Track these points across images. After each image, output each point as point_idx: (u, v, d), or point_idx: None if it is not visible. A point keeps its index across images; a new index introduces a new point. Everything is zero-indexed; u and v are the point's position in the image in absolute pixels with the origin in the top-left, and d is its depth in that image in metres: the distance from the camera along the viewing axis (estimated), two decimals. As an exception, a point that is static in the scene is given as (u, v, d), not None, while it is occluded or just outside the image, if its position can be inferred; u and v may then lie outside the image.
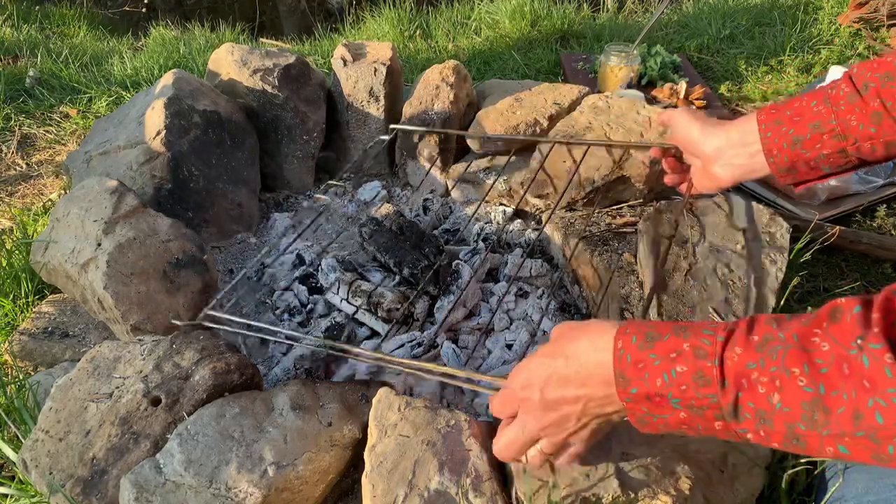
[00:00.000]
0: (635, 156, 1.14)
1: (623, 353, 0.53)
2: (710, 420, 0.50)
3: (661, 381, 0.51)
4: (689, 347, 0.51)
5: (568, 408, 0.57)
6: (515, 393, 0.61)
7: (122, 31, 3.03)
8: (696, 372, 0.50)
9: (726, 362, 0.49)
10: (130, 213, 1.00)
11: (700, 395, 0.49)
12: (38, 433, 0.77)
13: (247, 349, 1.01)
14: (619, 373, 0.53)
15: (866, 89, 0.71)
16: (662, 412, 0.52)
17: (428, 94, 1.29)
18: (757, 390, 0.47)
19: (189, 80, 1.27)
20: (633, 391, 0.53)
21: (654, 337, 0.53)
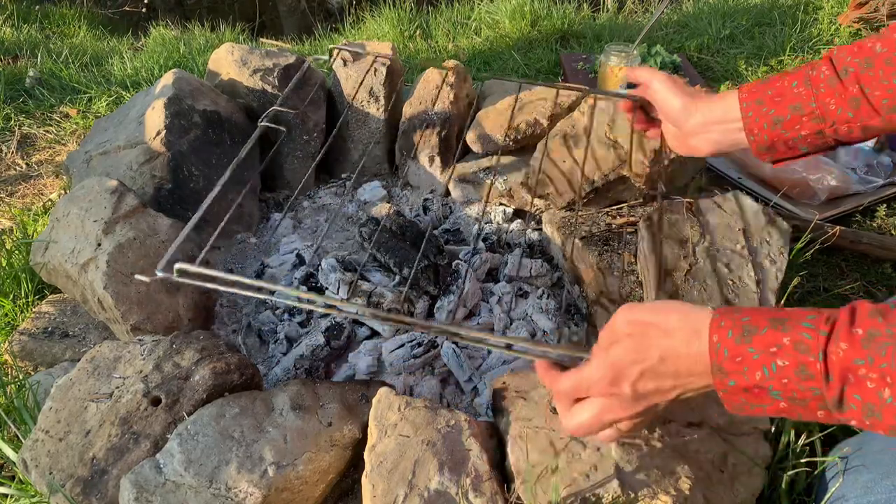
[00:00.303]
0: (635, 156, 1.14)
1: (720, 347, 0.54)
2: (812, 410, 0.52)
3: (760, 375, 0.52)
4: (790, 342, 0.51)
5: (661, 397, 0.59)
6: (597, 385, 0.61)
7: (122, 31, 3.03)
8: (799, 366, 0.51)
9: (830, 357, 0.50)
10: (130, 213, 1.00)
11: (803, 388, 0.51)
12: (38, 433, 0.77)
13: (247, 349, 1.01)
14: (717, 366, 0.54)
15: (846, 73, 0.72)
16: (761, 402, 0.54)
17: (428, 94, 1.29)
18: (865, 385, 0.49)
19: (189, 80, 1.27)
20: (731, 384, 0.54)
21: (751, 330, 0.53)
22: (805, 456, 0.78)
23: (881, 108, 0.70)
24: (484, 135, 1.26)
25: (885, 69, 0.69)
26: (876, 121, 0.71)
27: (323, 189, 1.39)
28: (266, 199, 1.35)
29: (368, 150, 1.40)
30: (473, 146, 1.29)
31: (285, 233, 1.24)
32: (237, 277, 0.74)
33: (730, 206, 1.06)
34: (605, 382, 0.60)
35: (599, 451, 0.72)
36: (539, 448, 0.73)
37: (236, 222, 1.24)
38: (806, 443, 0.78)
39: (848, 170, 1.43)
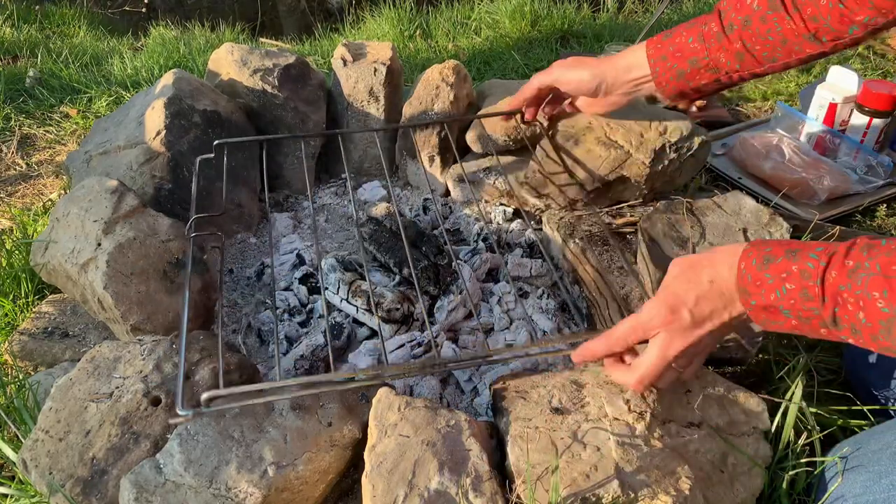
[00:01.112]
0: (635, 156, 1.14)
1: (745, 272, 0.64)
2: (816, 328, 0.62)
3: (773, 296, 0.62)
4: (797, 269, 0.61)
5: (716, 320, 0.67)
6: (656, 318, 0.68)
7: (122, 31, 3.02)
8: (802, 290, 0.61)
9: (826, 282, 0.59)
10: (130, 213, 1.00)
11: (805, 307, 0.61)
12: (38, 433, 0.77)
13: (247, 349, 1.01)
14: (742, 288, 0.65)
15: (731, 29, 0.83)
16: (777, 319, 0.64)
17: (428, 94, 1.29)
18: (847, 307, 0.58)
19: (189, 80, 1.27)
20: (753, 303, 0.64)
21: (770, 259, 0.63)
22: (805, 456, 0.78)
23: (762, 59, 0.84)
24: (484, 135, 1.26)
25: (761, 26, 0.81)
26: (759, 69, 0.85)
27: (323, 189, 1.39)
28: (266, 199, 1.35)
29: (368, 150, 1.40)
30: (473, 146, 1.29)
31: (285, 232, 1.24)
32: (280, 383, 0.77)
33: (730, 206, 1.06)
34: (666, 311, 0.68)
35: (599, 451, 0.72)
36: (539, 448, 0.73)
37: (236, 222, 1.24)
38: (806, 443, 0.79)
39: (848, 170, 1.43)
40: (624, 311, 0.97)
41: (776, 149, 1.45)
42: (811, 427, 0.80)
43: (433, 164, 1.32)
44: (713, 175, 1.48)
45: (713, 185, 1.44)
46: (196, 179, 1.07)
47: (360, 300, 1.01)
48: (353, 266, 1.07)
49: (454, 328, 1.02)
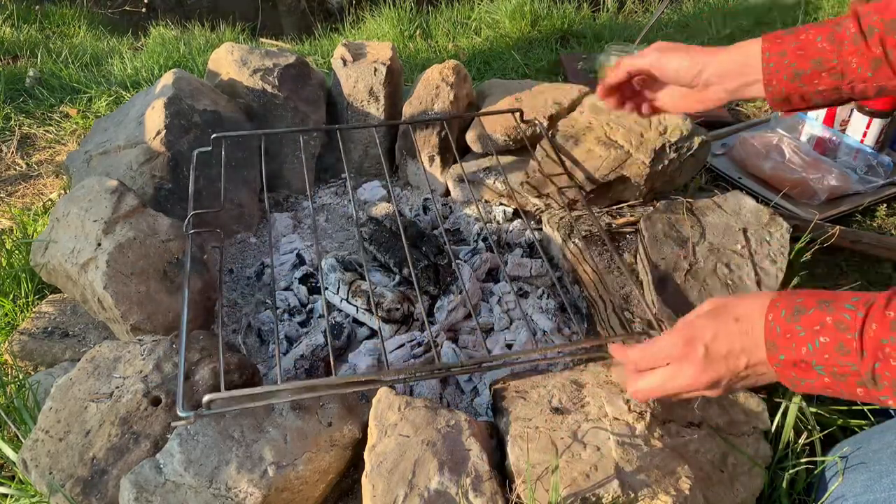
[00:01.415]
0: (635, 156, 1.14)
1: (773, 324, 0.59)
2: (852, 386, 0.56)
3: (805, 350, 0.57)
4: (832, 321, 0.56)
5: (731, 363, 0.61)
6: (670, 348, 0.64)
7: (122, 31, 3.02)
8: (838, 343, 0.55)
9: (865, 335, 0.54)
10: (130, 213, 1.00)
11: (841, 363, 0.55)
12: (38, 433, 0.77)
13: (247, 349, 1.01)
14: (770, 342, 0.59)
15: (871, 33, 0.72)
16: (808, 377, 0.58)
17: (428, 94, 1.29)
18: (890, 363, 0.53)
19: (189, 80, 1.27)
20: (782, 357, 0.58)
21: (801, 310, 0.58)
22: (805, 456, 0.78)
23: None
24: (484, 135, 1.26)
25: None
26: (893, 83, 0.73)
27: (323, 189, 1.39)
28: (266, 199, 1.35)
29: (368, 150, 1.40)
30: (473, 146, 1.29)
31: (285, 232, 1.24)
32: (280, 386, 0.76)
33: (730, 206, 1.06)
34: (681, 342, 0.63)
35: (599, 450, 0.72)
36: (539, 448, 0.73)
37: (236, 222, 1.24)
38: (806, 443, 0.79)
39: (848, 170, 1.43)
40: (623, 311, 0.97)
41: (776, 149, 1.45)
42: (811, 427, 0.80)
43: (433, 164, 1.32)
44: (713, 175, 1.48)
45: (713, 185, 1.44)
46: (193, 173, 1.07)
47: (360, 300, 1.01)
48: (353, 266, 1.07)
49: (454, 328, 1.02)
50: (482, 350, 0.95)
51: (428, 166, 1.33)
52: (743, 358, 0.61)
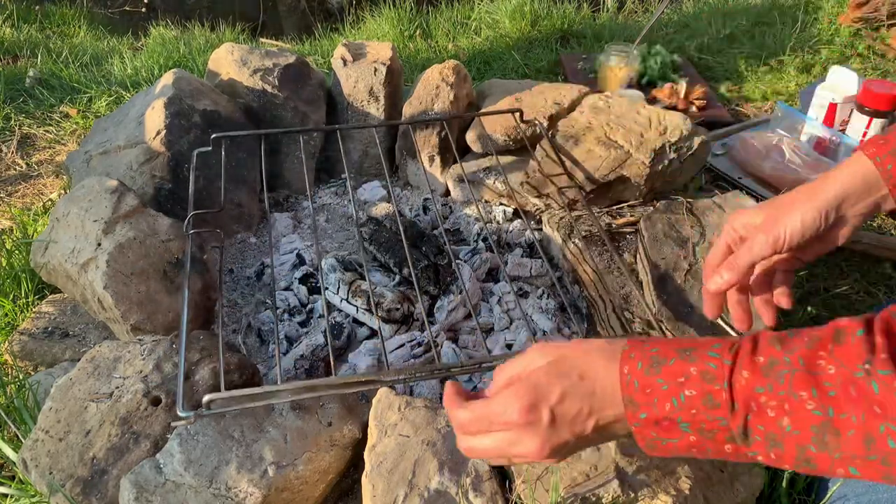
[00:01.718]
0: (635, 156, 1.14)
1: (630, 378, 0.53)
2: (720, 443, 0.50)
3: (669, 406, 0.51)
4: (697, 371, 0.50)
5: (578, 426, 0.54)
6: (509, 414, 0.55)
7: (122, 31, 3.02)
8: (706, 396, 0.49)
9: (735, 385, 0.49)
10: (130, 213, 1.00)
11: (710, 417, 0.49)
12: (38, 433, 0.77)
13: (247, 349, 1.01)
14: (628, 398, 0.52)
15: None
16: (671, 436, 0.52)
17: (428, 94, 1.29)
18: (767, 414, 0.47)
19: (189, 80, 1.27)
20: (643, 416, 0.52)
21: (660, 361, 0.52)
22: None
23: None
24: (484, 135, 1.26)
25: None
26: None
27: (323, 189, 1.39)
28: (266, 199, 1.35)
29: (368, 150, 1.40)
30: (473, 146, 1.29)
31: (285, 232, 1.24)
32: (280, 386, 0.76)
33: (730, 207, 1.06)
34: (523, 409, 0.54)
35: (599, 450, 0.72)
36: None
37: (236, 222, 1.24)
38: (806, 443, 0.78)
39: (848, 170, 1.43)
40: (623, 311, 0.97)
41: (776, 149, 1.45)
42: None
43: (433, 164, 1.32)
44: (713, 175, 1.48)
45: (713, 185, 1.44)
46: (193, 173, 1.07)
47: (360, 300, 1.01)
48: (353, 266, 1.07)
49: (454, 328, 1.02)
50: (482, 350, 0.95)
51: (428, 166, 1.33)
52: (590, 421, 0.54)
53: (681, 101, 1.69)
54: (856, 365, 0.45)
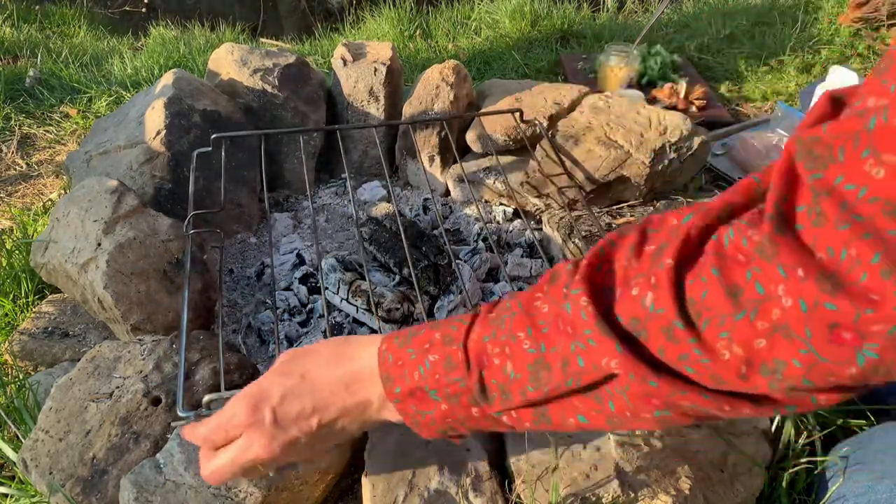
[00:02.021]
0: (635, 156, 1.14)
1: (386, 353, 0.53)
2: (467, 407, 0.50)
3: (418, 375, 0.50)
4: (440, 336, 0.51)
5: (303, 425, 0.54)
6: (237, 416, 0.55)
7: (122, 31, 3.02)
8: (446, 358, 0.49)
9: (469, 344, 0.49)
10: (130, 213, 1.00)
11: (450, 380, 0.49)
12: (38, 433, 0.77)
13: (246, 349, 1.01)
14: (385, 374, 0.52)
15: None
16: (427, 407, 0.51)
17: (428, 94, 1.29)
18: (493, 363, 0.47)
19: (189, 80, 1.27)
20: (398, 390, 0.51)
21: (414, 333, 0.52)
22: (805, 456, 0.78)
23: None
24: (484, 135, 1.26)
25: None
26: None
27: (323, 189, 1.39)
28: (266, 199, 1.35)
29: (368, 151, 1.40)
30: (473, 146, 1.29)
31: (285, 232, 1.24)
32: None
33: (730, 206, 1.06)
34: (247, 410, 0.55)
35: (600, 450, 0.72)
36: (539, 448, 0.73)
37: (236, 222, 1.24)
38: (806, 442, 0.79)
39: (848, 170, 1.43)
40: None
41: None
42: (811, 427, 0.80)
43: (433, 164, 1.32)
44: (713, 175, 1.48)
45: (713, 185, 1.44)
46: (193, 174, 1.07)
47: (360, 300, 1.01)
48: (353, 266, 1.07)
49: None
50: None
51: (428, 166, 1.33)
52: (314, 419, 0.54)
53: (681, 101, 1.69)
54: (561, 296, 0.45)
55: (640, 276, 0.43)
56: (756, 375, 0.38)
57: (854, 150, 0.33)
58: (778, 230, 0.36)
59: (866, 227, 0.32)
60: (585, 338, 0.43)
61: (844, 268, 0.33)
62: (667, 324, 0.40)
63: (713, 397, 0.41)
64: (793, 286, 0.35)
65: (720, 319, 0.38)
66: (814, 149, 0.35)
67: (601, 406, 0.45)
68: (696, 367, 0.40)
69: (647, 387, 0.41)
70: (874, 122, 0.32)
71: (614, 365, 0.42)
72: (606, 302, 0.43)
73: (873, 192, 0.32)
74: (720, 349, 0.39)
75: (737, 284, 0.38)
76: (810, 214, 0.35)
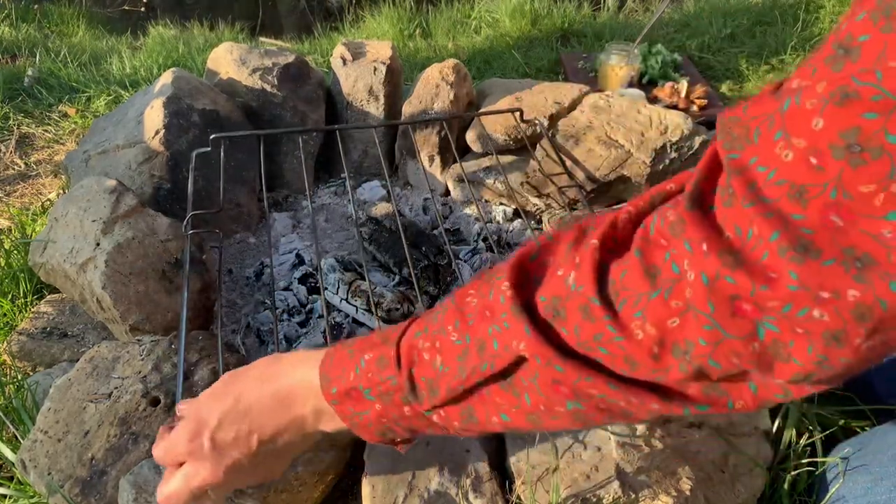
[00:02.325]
0: (636, 156, 1.14)
1: (329, 357, 0.52)
2: (399, 406, 0.49)
3: (353, 374, 0.50)
4: (379, 337, 0.50)
5: (243, 448, 0.54)
6: (180, 444, 0.55)
7: (121, 31, 3.02)
8: (379, 357, 0.49)
9: (403, 341, 0.48)
10: (129, 213, 1.00)
11: (382, 378, 0.48)
12: (37, 434, 0.77)
13: (246, 349, 1.01)
14: (323, 374, 0.51)
15: None
16: (363, 407, 0.50)
17: (428, 94, 1.29)
18: (423, 358, 0.46)
19: (188, 80, 1.26)
20: (334, 390, 0.50)
21: (359, 337, 0.53)
22: (806, 456, 0.78)
23: None
24: (484, 134, 1.26)
25: None
26: None
27: (323, 189, 1.38)
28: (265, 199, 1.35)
29: (368, 150, 1.40)
30: (473, 146, 1.29)
31: (284, 232, 1.24)
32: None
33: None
34: (187, 438, 0.54)
35: (600, 451, 0.72)
36: (539, 448, 0.72)
37: (235, 222, 1.24)
38: (807, 443, 0.78)
39: (848, 169, 1.43)
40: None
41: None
42: (812, 427, 0.80)
43: (433, 164, 1.32)
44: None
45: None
46: (192, 174, 1.06)
47: (360, 300, 1.00)
48: (352, 266, 1.07)
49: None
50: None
51: (428, 166, 1.32)
52: (253, 438, 0.53)
53: (682, 100, 1.69)
54: (488, 287, 0.45)
55: (568, 260, 0.43)
56: (668, 355, 0.38)
57: (768, 131, 0.33)
58: (689, 207, 0.36)
59: (770, 207, 0.32)
60: (501, 321, 0.42)
61: (749, 246, 0.33)
62: (584, 301, 0.40)
63: (620, 388, 0.40)
64: (697, 260, 0.35)
65: (636, 299, 0.38)
66: (733, 129, 0.35)
67: (518, 401, 0.44)
68: (609, 348, 0.39)
69: (553, 371, 0.41)
70: (788, 104, 0.32)
71: (522, 347, 0.41)
72: (531, 290, 0.43)
73: (781, 175, 0.32)
74: (634, 329, 0.38)
75: (655, 265, 0.38)
76: (723, 195, 0.35)
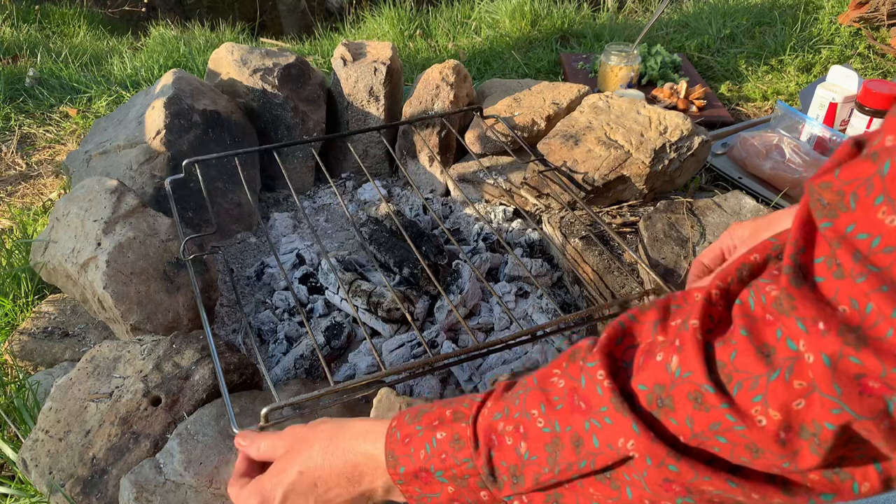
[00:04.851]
0: (636, 156, 1.14)
1: (395, 430, 0.50)
2: (475, 491, 0.46)
3: (423, 454, 0.47)
4: (451, 413, 0.47)
5: None
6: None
7: (122, 31, 3.02)
8: (454, 436, 0.46)
9: (479, 420, 0.45)
10: (130, 213, 1.00)
11: (458, 460, 0.45)
12: (38, 433, 0.77)
13: (246, 349, 1.01)
14: (389, 452, 0.49)
15: None
16: (433, 490, 0.47)
17: (428, 94, 1.29)
18: (505, 442, 0.43)
19: (189, 80, 1.27)
20: (402, 470, 0.48)
21: (425, 410, 0.49)
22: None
23: None
24: (484, 135, 1.26)
25: None
26: None
27: (323, 189, 1.39)
28: (266, 199, 1.35)
29: (368, 150, 1.40)
30: (473, 146, 1.29)
31: (285, 232, 1.24)
32: (337, 387, 0.74)
33: (730, 206, 1.06)
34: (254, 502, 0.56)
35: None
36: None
37: (236, 222, 1.24)
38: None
39: (848, 169, 1.43)
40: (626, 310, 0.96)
41: (776, 149, 1.45)
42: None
43: (433, 164, 1.32)
44: (713, 175, 1.48)
45: (713, 185, 1.44)
46: (173, 202, 1.02)
47: (360, 300, 1.01)
48: (353, 266, 1.07)
49: (454, 328, 1.02)
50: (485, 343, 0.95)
51: (428, 166, 1.33)
52: None
53: (681, 100, 1.69)
54: (579, 372, 0.42)
55: (664, 343, 0.39)
56: (796, 439, 0.34)
57: (867, 196, 0.30)
58: (794, 282, 0.33)
59: (883, 278, 0.30)
60: (601, 415, 0.39)
61: (869, 322, 0.30)
62: (695, 389, 0.36)
63: (740, 483, 0.37)
64: (814, 340, 0.32)
65: (752, 382, 0.35)
66: (823, 196, 0.32)
67: (617, 493, 0.41)
68: (728, 437, 0.36)
69: (666, 471, 0.38)
70: (888, 167, 0.29)
71: (631, 446, 0.38)
72: (625, 376, 0.40)
73: (888, 242, 0.29)
74: (755, 415, 0.35)
75: (767, 343, 0.35)
76: (830, 266, 0.32)
